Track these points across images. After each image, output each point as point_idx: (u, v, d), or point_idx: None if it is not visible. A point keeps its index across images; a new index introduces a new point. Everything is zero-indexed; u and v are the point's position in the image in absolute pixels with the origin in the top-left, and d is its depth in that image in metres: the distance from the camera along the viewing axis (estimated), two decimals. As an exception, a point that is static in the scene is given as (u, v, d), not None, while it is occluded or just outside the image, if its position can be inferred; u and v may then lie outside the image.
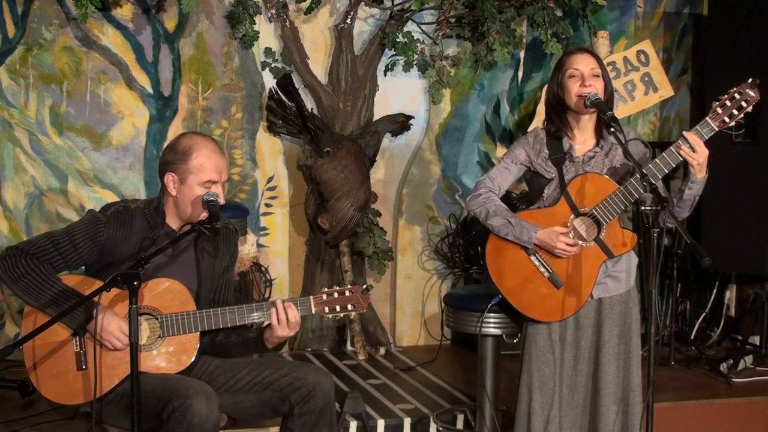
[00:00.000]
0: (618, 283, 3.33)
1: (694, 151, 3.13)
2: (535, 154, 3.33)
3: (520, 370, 3.38)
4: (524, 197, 4.66)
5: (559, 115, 3.32)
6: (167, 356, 2.94)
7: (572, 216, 3.25)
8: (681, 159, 3.16)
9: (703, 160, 3.15)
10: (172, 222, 3.07)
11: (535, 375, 3.33)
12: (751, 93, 3.13)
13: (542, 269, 3.28)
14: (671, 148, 3.15)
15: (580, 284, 3.26)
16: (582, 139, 3.33)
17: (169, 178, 3.01)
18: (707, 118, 3.15)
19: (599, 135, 3.32)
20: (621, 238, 3.27)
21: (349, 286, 3.04)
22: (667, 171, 3.15)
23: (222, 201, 3.01)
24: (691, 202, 3.24)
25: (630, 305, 3.34)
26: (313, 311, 2.99)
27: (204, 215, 3.00)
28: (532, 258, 3.29)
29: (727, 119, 3.14)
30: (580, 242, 3.25)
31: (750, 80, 3.14)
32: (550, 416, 3.31)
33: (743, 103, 3.13)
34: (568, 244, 3.21)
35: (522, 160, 3.36)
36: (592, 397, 3.33)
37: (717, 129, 3.15)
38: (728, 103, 3.13)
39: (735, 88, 3.15)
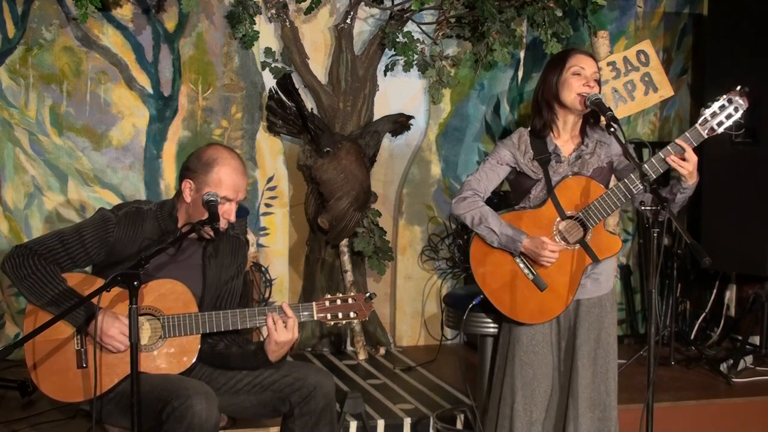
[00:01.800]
0: (597, 285, 3.32)
1: (684, 160, 3.10)
2: (521, 154, 3.32)
3: (503, 372, 3.36)
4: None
5: (550, 111, 3.31)
6: (168, 357, 2.94)
7: (558, 219, 3.25)
8: (669, 167, 3.15)
9: (693, 168, 3.11)
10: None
11: (518, 376, 3.31)
12: (740, 101, 3.15)
13: (526, 271, 3.28)
14: (660, 155, 3.14)
15: (563, 287, 3.26)
16: (566, 138, 3.32)
17: (187, 185, 3.01)
18: (696, 126, 3.15)
19: (583, 135, 3.33)
20: (606, 242, 3.27)
21: (352, 294, 3.04)
22: (655, 177, 3.15)
23: (232, 219, 3.02)
24: (680, 205, 3.24)
25: (608, 308, 3.34)
26: (316, 318, 2.99)
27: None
28: (517, 260, 3.29)
29: (716, 127, 3.14)
30: (566, 246, 3.25)
31: (738, 88, 3.16)
32: (533, 418, 3.30)
33: (732, 111, 3.14)
34: (552, 251, 3.21)
35: (507, 161, 3.34)
36: (565, 400, 3.31)
37: (706, 137, 3.15)
38: (717, 110, 3.14)
39: (725, 96, 3.16)
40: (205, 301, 3.06)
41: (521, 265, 3.29)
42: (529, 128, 3.38)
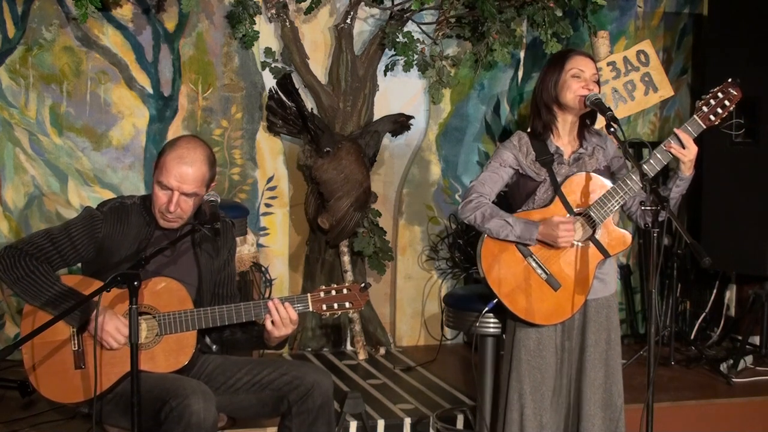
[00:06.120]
0: (604, 286, 3.33)
1: (684, 148, 3.16)
2: (523, 156, 3.32)
3: (509, 377, 3.34)
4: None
5: (549, 112, 3.31)
6: (165, 354, 2.94)
7: (567, 216, 3.25)
8: (672, 157, 3.19)
9: (693, 157, 3.20)
10: None
11: (526, 380, 3.30)
12: (733, 92, 3.20)
13: (539, 271, 3.27)
14: (662, 146, 3.20)
15: (577, 285, 3.25)
16: (566, 140, 3.34)
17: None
18: (695, 116, 3.22)
19: (581, 137, 3.34)
20: (616, 237, 3.28)
21: (347, 284, 3.04)
22: (659, 169, 3.21)
23: (171, 209, 2.95)
24: (676, 200, 3.28)
25: (614, 308, 3.36)
26: (311, 309, 2.99)
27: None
28: (529, 260, 3.28)
29: (712, 117, 3.21)
30: (576, 242, 3.26)
31: (730, 80, 3.21)
32: (543, 422, 3.30)
33: (726, 102, 3.20)
34: (566, 228, 3.19)
35: (510, 163, 3.33)
36: (575, 402, 3.32)
37: (704, 127, 3.21)
38: (712, 101, 3.20)
39: (718, 87, 3.21)
40: (203, 288, 3.08)
41: (534, 265, 3.28)
42: (528, 130, 3.38)
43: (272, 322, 2.95)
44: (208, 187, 3.06)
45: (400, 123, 5.15)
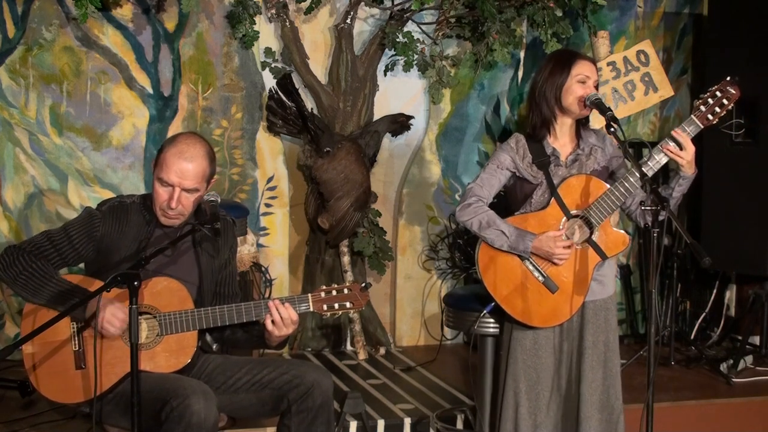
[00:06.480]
0: (602, 287, 3.33)
1: (681, 149, 3.15)
2: (520, 158, 3.32)
3: (505, 375, 3.35)
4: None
5: (550, 112, 3.31)
6: (165, 355, 2.94)
7: (564, 218, 3.25)
8: (668, 158, 3.18)
9: (692, 158, 3.18)
10: None
11: (522, 380, 3.31)
12: (732, 90, 3.19)
13: (536, 274, 3.27)
14: (658, 146, 3.18)
15: (575, 287, 3.25)
16: (563, 141, 3.34)
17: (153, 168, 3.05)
18: (692, 116, 3.20)
19: (578, 137, 3.34)
20: (614, 238, 3.28)
21: (347, 284, 3.05)
22: (655, 170, 3.19)
23: (172, 205, 2.95)
24: (678, 199, 3.28)
25: (612, 310, 3.36)
26: (312, 309, 2.99)
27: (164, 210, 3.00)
28: (526, 263, 3.28)
29: (710, 116, 3.19)
30: (574, 245, 3.25)
31: (729, 78, 3.20)
32: (537, 421, 3.30)
33: (725, 101, 3.19)
34: (565, 247, 3.20)
35: (508, 166, 3.34)
36: (573, 403, 3.31)
37: (702, 126, 3.20)
38: (710, 100, 3.19)
39: (716, 86, 3.20)
40: (204, 288, 3.08)
41: (530, 268, 3.28)
42: (527, 131, 3.38)
43: (273, 322, 2.95)
44: (209, 183, 3.06)
45: (400, 123, 5.15)
